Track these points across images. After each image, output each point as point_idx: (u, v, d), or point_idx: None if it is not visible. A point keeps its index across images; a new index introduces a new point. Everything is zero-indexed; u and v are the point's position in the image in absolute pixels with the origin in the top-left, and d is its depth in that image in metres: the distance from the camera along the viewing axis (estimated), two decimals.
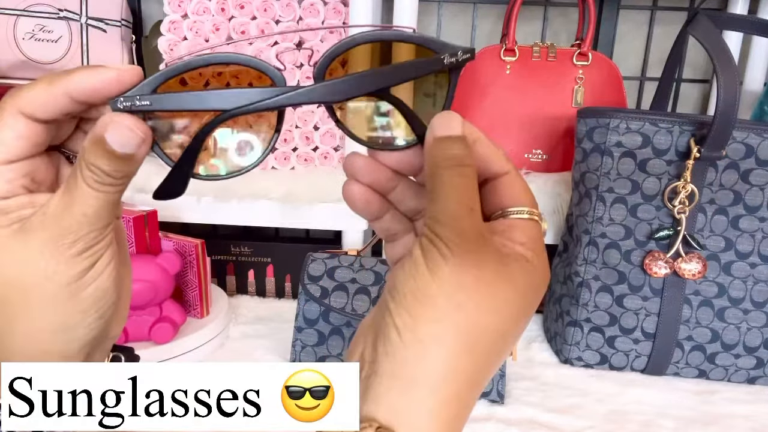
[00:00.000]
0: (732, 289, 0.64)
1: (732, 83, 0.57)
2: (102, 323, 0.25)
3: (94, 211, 0.23)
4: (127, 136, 0.23)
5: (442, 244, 0.23)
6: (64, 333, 0.24)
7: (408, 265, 0.23)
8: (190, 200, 0.75)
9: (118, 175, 0.23)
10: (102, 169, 0.23)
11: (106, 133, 0.22)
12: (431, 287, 0.22)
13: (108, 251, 0.24)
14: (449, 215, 0.23)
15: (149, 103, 0.23)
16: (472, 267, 0.22)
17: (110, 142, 0.22)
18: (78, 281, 0.23)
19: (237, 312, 0.81)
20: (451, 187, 0.23)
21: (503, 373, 0.61)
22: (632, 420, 0.60)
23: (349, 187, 0.27)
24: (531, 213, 0.25)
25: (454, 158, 0.24)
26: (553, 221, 0.75)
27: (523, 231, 0.24)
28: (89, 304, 0.24)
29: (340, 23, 0.77)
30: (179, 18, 0.74)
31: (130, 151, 0.23)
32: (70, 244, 0.23)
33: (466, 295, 0.22)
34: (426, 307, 0.22)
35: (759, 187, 0.62)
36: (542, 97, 0.81)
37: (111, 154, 0.22)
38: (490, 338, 0.23)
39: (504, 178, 0.26)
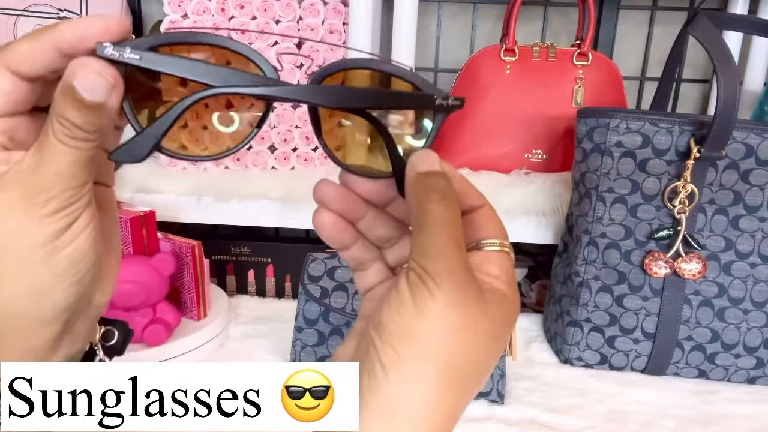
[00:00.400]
0: (732, 289, 0.64)
1: (732, 83, 0.57)
2: (80, 288, 0.24)
3: (67, 169, 0.22)
4: (96, 81, 0.21)
5: (430, 280, 0.22)
6: (38, 296, 0.23)
7: (394, 302, 0.23)
8: (190, 200, 0.75)
9: (89, 128, 0.22)
10: (72, 122, 0.21)
11: (74, 80, 0.21)
12: (418, 325, 0.22)
13: (86, 212, 0.23)
14: (439, 250, 0.23)
15: (139, 57, 0.22)
16: (457, 304, 0.22)
17: (79, 89, 0.21)
18: (53, 242, 0.22)
19: (237, 312, 0.81)
20: (440, 222, 0.24)
21: (503, 373, 0.61)
22: (632, 420, 0.60)
23: (319, 216, 0.28)
24: (502, 245, 0.26)
25: (440, 192, 0.24)
26: (553, 221, 0.75)
27: (498, 264, 0.25)
28: (65, 267, 0.23)
29: (340, 23, 0.77)
30: (179, 18, 0.74)
31: (100, 99, 0.21)
32: (44, 203, 0.22)
33: (451, 333, 0.22)
34: (412, 345, 0.22)
35: (759, 187, 0.62)
36: (542, 97, 0.81)
37: (80, 104, 0.21)
38: (471, 372, 0.23)
39: (480, 211, 0.27)
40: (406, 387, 0.22)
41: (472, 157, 0.83)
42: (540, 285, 0.95)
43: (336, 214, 0.28)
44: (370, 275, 0.29)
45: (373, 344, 0.23)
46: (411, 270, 0.23)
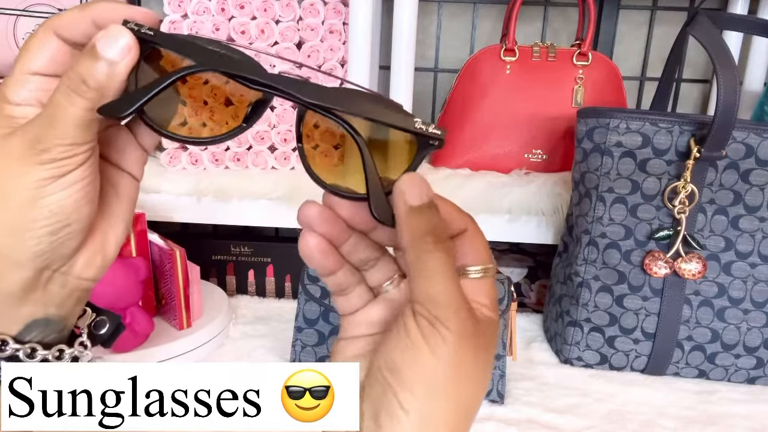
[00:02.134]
0: (732, 289, 0.64)
1: (732, 83, 0.57)
2: (53, 240, 0.25)
3: (62, 124, 0.24)
4: (114, 38, 0.24)
5: (440, 325, 0.24)
6: (14, 236, 0.25)
7: (408, 348, 0.24)
8: (190, 200, 0.75)
9: (92, 83, 0.24)
10: (79, 73, 0.24)
11: (98, 40, 0.24)
12: (434, 369, 0.24)
13: (76, 171, 0.25)
14: (447, 296, 0.24)
15: (153, 34, 0.24)
16: (466, 346, 0.24)
17: (99, 47, 0.24)
18: (37, 188, 0.24)
19: (237, 312, 0.81)
20: (443, 267, 0.25)
21: (503, 373, 0.61)
22: (632, 420, 0.60)
23: (305, 240, 0.28)
24: (485, 270, 0.27)
25: (438, 235, 0.25)
26: (553, 221, 0.75)
27: (485, 292, 0.27)
28: (43, 214, 0.25)
29: (340, 23, 0.77)
30: (179, 18, 0.74)
31: (113, 56, 0.24)
32: (38, 152, 0.24)
33: (462, 373, 0.24)
34: (429, 387, 0.24)
35: (759, 187, 0.62)
36: (542, 97, 0.81)
37: (95, 58, 0.24)
38: (477, 399, 0.26)
39: (465, 236, 0.27)
40: (427, 425, 0.24)
41: (472, 157, 0.83)
42: (540, 285, 0.95)
43: (321, 236, 0.28)
44: (353, 299, 0.30)
45: (390, 387, 0.24)
46: (420, 315, 0.24)
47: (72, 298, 0.28)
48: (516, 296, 0.63)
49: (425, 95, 1.04)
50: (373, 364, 0.26)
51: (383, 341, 0.26)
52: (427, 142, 0.26)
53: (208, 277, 0.89)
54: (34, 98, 0.26)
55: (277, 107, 0.76)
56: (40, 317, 0.27)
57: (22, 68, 0.26)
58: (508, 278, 0.64)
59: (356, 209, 0.28)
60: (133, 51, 0.24)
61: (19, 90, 0.26)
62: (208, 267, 0.89)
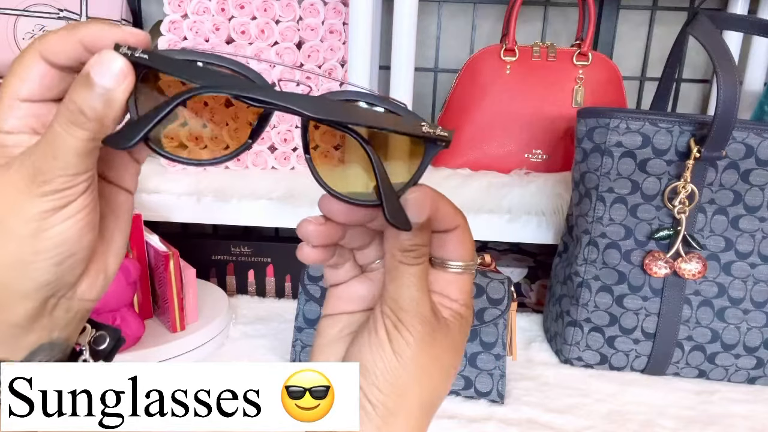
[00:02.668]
0: (732, 289, 0.64)
1: (732, 83, 0.57)
2: (59, 270, 0.25)
3: (63, 156, 0.23)
4: (108, 66, 0.23)
5: (405, 330, 0.26)
6: (19, 269, 0.24)
7: (376, 348, 0.27)
8: (190, 200, 0.75)
9: (91, 114, 0.23)
10: (77, 105, 0.23)
11: (91, 68, 0.23)
12: (397, 369, 0.26)
13: (78, 201, 0.24)
14: (412, 302, 0.27)
15: (147, 57, 0.23)
16: (429, 348, 0.27)
17: (92, 73, 0.23)
18: (41, 221, 0.24)
19: (237, 312, 0.81)
20: (413, 276, 0.27)
21: (503, 373, 0.61)
22: (632, 420, 0.60)
23: (302, 251, 0.29)
24: (465, 267, 0.28)
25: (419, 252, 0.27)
26: (553, 221, 0.75)
27: (459, 287, 0.28)
28: (47, 246, 0.24)
29: (340, 23, 0.77)
30: (179, 18, 0.74)
31: (108, 84, 0.23)
32: (39, 184, 0.24)
33: (423, 373, 0.27)
34: (393, 386, 0.26)
35: (759, 187, 0.62)
36: (542, 97, 0.81)
37: (90, 88, 0.23)
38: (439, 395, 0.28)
39: (454, 232, 0.28)
40: (391, 417, 0.27)
41: (472, 157, 0.83)
42: (540, 285, 0.95)
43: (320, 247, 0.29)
44: (341, 273, 0.31)
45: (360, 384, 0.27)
46: (386, 316, 0.27)
47: (76, 320, 0.28)
48: (516, 296, 0.63)
49: (425, 95, 1.04)
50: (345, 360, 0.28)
51: (355, 340, 0.28)
52: (434, 144, 0.26)
53: (208, 277, 0.89)
54: (25, 125, 0.25)
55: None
56: (45, 342, 0.27)
57: (10, 94, 0.25)
58: (508, 278, 0.64)
59: (354, 212, 0.28)
60: (129, 77, 0.24)
61: (8, 118, 0.25)
62: (208, 267, 0.89)
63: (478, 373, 0.61)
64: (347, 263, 0.31)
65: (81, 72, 0.24)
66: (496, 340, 0.61)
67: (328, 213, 0.28)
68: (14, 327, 0.26)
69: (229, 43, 0.75)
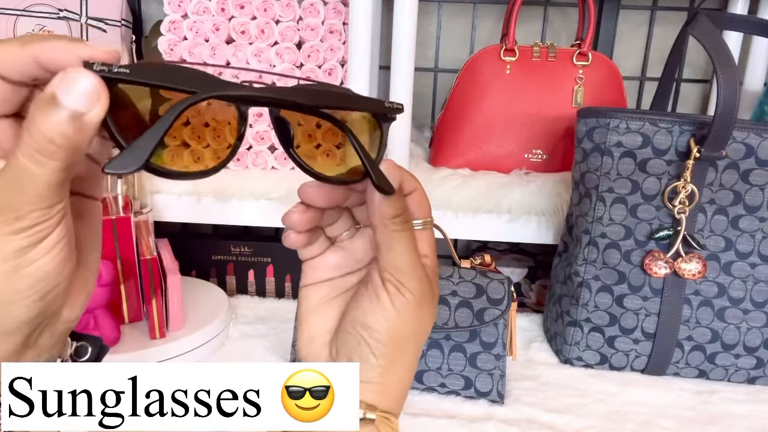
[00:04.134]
0: (732, 289, 0.64)
1: (732, 83, 0.57)
2: (42, 305, 0.24)
3: (34, 190, 0.21)
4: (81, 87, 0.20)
5: (406, 290, 0.30)
6: (1, 309, 0.23)
7: (378, 308, 0.30)
8: (190, 200, 0.75)
9: (63, 142, 0.20)
10: (42, 132, 0.20)
11: (57, 87, 0.20)
12: (399, 325, 0.30)
13: (55, 232, 0.22)
14: (410, 266, 0.30)
15: (128, 71, 0.21)
16: (422, 302, 0.31)
17: (60, 96, 0.20)
18: (17, 259, 0.22)
19: (237, 312, 0.81)
20: (408, 243, 0.30)
21: (503, 373, 0.61)
22: (632, 420, 0.60)
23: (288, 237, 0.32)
24: (426, 223, 0.33)
25: (403, 217, 0.30)
26: (553, 221, 0.75)
27: (426, 241, 0.32)
28: (27, 283, 0.23)
29: (340, 23, 0.77)
30: (179, 18, 0.74)
31: (81, 107, 0.20)
32: (10, 221, 0.21)
33: (417, 324, 0.31)
34: (395, 339, 0.30)
35: (759, 187, 0.62)
36: (542, 97, 0.81)
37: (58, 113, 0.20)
38: (425, 337, 0.33)
39: (413, 195, 0.32)
40: (392, 365, 0.31)
41: (472, 157, 0.83)
42: (540, 285, 0.95)
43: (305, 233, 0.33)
44: (314, 248, 0.34)
45: (364, 340, 0.30)
46: (388, 282, 0.30)
47: (61, 341, 0.27)
48: (516, 296, 0.63)
49: (425, 95, 1.04)
50: (347, 321, 0.32)
51: (355, 304, 0.32)
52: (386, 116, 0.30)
53: (208, 277, 0.89)
54: None
55: None
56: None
57: None
58: (508, 278, 0.64)
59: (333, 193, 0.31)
60: (102, 96, 0.20)
61: None
62: (208, 267, 0.89)
63: (478, 373, 0.61)
64: (319, 239, 0.34)
65: (44, 93, 0.20)
66: (496, 340, 0.61)
67: (309, 201, 0.31)
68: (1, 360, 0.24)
69: (229, 43, 0.75)
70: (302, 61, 0.76)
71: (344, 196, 0.32)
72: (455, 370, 0.61)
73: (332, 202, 0.32)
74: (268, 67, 0.75)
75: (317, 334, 0.33)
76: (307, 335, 0.33)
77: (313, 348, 0.33)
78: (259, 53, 0.75)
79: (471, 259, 0.68)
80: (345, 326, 0.32)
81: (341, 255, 0.34)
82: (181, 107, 0.22)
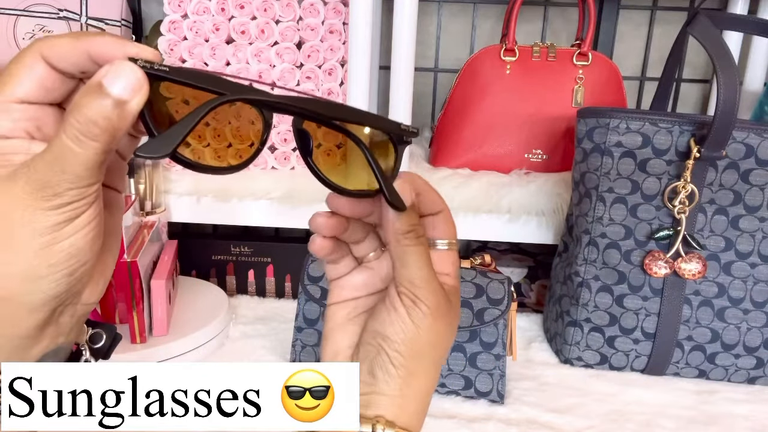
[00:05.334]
0: (732, 289, 0.64)
1: (732, 83, 0.57)
2: (71, 281, 0.25)
3: (74, 169, 0.23)
4: (127, 77, 0.23)
5: (422, 303, 0.31)
6: (31, 282, 0.24)
7: (396, 321, 0.31)
8: (190, 200, 0.75)
9: (104, 125, 0.22)
10: (89, 118, 0.22)
11: (104, 76, 0.22)
12: (417, 337, 0.31)
13: (89, 211, 0.24)
14: (424, 280, 0.31)
15: (167, 69, 0.23)
16: (440, 316, 0.31)
17: (107, 84, 0.22)
18: (52, 234, 0.23)
19: (237, 312, 0.81)
20: (421, 258, 0.31)
21: (503, 373, 0.61)
22: (632, 420, 0.60)
23: (314, 242, 0.34)
24: (450, 244, 0.33)
25: (415, 232, 0.31)
26: (553, 221, 0.75)
27: (449, 260, 0.33)
28: (60, 258, 0.24)
29: (340, 23, 0.77)
30: (179, 18, 0.74)
31: (125, 95, 0.22)
32: (49, 197, 0.23)
33: (435, 337, 0.31)
34: (414, 350, 0.31)
35: (759, 187, 0.62)
36: (542, 97, 0.81)
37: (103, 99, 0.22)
38: (444, 351, 0.33)
39: (440, 216, 0.33)
40: (412, 377, 0.31)
41: (472, 157, 0.83)
42: (540, 285, 0.95)
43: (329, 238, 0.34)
44: (341, 267, 0.35)
45: (383, 350, 0.31)
46: (404, 295, 0.31)
47: (79, 323, 0.28)
48: (516, 296, 0.63)
49: (425, 95, 1.04)
50: (367, 333, 0.32)
51: (375, 316, 0.32)
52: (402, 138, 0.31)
53: (208, 277, 0.89)
54: (21, 129, 0.25)
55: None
56: (51, 349, 0.27)
57: (4, 95, 0.24)
58: (508, 278, 0.64)
59: (356, 204, 0.33)
60: (144, 88, 0.23)
61: (4, 121, 0.24)
62: (208, 267, 0.89)
63: (478, 373, 0.61)
64: (346, 258, 0.35)
65: (90, 82, 0.23)
66: (496, 340, 0.61)
67: (335, 208, 0.33)
68: (22, 339, 0.25)
69: (229, 43, 0.75)
70: (302, 61, 0.76)
71: (367, 209, 0.33)
72: (455, 370, 0.61)
73: (356, 212, 0.33)
74: (268, 67, 0.75)
75: (341, 348, 0.34)
76: (332, 350, 0.34)
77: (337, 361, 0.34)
78: (259, 53, 0.75)
79: (471, 259, 0.68)
80: (366, 338, 0.33)
81: (367, 275, 0.35)
82: (211, 105, 0.24)
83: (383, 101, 0.86)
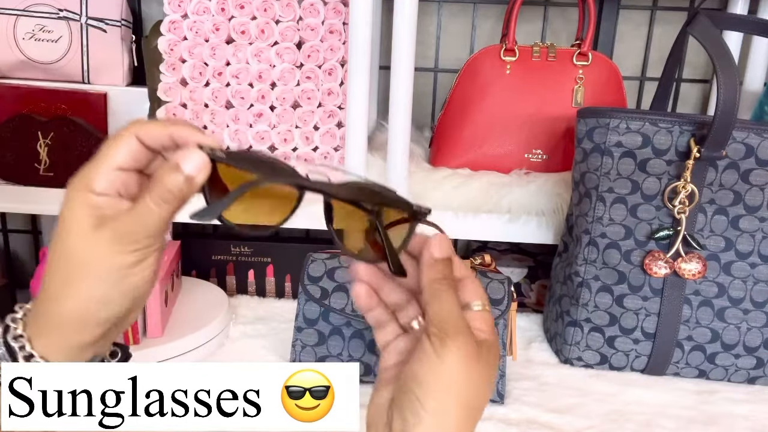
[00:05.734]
0: (732, 289, 0.64)
1: (732, 83, 0.57)
2: (132, 306, 0.32)
3: (152, 224, 0.30)
4: (197, 161, 0.30)
5: (450, 341, 0.32)
6: (104, 305, 0.31)
7: (426, 361, 0.32)
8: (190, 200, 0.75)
9: (178, 194, 0.30)
10: (169, 188, 0.30)
11: (180, 159, 0.30)
12: (445, 376, 0.32)
13: (154, 255, 0.32)
14: (453, 320, 0.33)
15: (224, 156, 0.31)
16: (467, 356, 0.32)
17: (182, 164, 0.30)
18: (127, 269, 0.31)
19: (237, 312, 0.81)
20: (450, 298, 0.34)
21: (503, 373, 0.61)
22: (632, 420, 0.60)
23: (357, 288, 0.37)
24: (483, 305, 0.36)
25: (448, 278, 0.34)
26: (553, 221, 0.75)
27: (483, 321, 0.35)
28: (129, 288, 0.31)
29: (340, 23, 0.77)
30: (179, 18, 0.74)
31: (193, 173, 0.30)
32: (129, 243, 0.30)
33: (465, 377, 0.32)
34: (443, 390, 0.32)
35: (759, 187, 0.62)
36: (542, 97, 0.81)
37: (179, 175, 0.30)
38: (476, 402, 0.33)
39: (467, 280, 0.36)
40: (442, 418, 0.32)
41: (472, 157, 0.83)
42: (540, 285, 0.95)
43: (366, 284, 0.37)
44: (387, 333, 0.38)
45: (414, 393, 0.32)
46: (433, 335, 0.32)
47: (119, 337, 0.34)
48: (516, 296, 0.63)
49: (425, 95, 1.04)
50: (400, 379, 0.34)
51: (408, 364, 0.34)
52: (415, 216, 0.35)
53: (208, 277, 0.89)
54: (113, 189, 0.31)
55: (278, 107, 0.76)
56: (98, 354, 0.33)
57: (108, 163, 0.31)
58: (508, 278, 0.64)
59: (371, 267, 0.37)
60: (206, 168, 0.30)
61: (102, 181, 0.31)
62: (208, 267, 0.89)
63: None
64: (391, 323, 0.38)
65: (171, 161, 0.30)
66: None
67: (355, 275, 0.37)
68: (84, 345, 0.31)
69: (229, 43, 0.75)
70: (302, 61, 0.76)
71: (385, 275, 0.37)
72: None
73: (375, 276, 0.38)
74: (268, 67, 0.75)
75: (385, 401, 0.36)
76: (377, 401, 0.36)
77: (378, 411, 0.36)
78: (259, 53, 0.75)
79: (471, 259, 0.68)
80: (399, 385, 0.34)
81: (412, 341, 0.38)
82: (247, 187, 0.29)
83: (383, 101, 0.86)
